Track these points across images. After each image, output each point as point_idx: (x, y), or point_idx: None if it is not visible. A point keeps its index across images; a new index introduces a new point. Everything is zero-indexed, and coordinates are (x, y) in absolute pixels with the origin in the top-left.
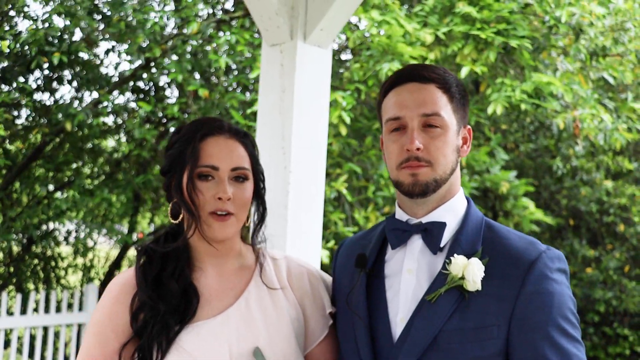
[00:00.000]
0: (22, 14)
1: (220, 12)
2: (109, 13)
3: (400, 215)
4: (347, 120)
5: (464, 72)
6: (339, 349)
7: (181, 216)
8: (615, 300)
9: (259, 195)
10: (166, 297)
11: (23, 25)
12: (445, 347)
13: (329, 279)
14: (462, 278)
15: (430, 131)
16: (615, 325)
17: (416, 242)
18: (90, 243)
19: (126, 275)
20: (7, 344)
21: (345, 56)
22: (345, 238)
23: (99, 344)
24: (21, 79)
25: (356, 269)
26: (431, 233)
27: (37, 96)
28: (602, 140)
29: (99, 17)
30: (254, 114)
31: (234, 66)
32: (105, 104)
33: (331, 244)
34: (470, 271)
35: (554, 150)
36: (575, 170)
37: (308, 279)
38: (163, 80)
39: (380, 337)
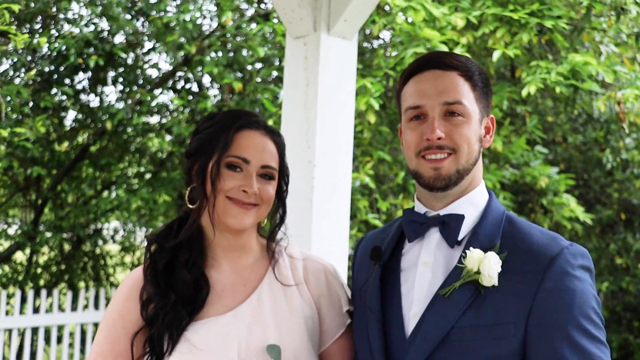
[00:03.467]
0: (65, 18)
1: (256, 4)
2: (150, 12)
3: (419, 207)
4: (376, 106)
5: (495, 56)
6: None
7: (198, 202)
8: None
9: (280, 197)
10: (177, 286)
11: (68, 28)
12: (458, 344)
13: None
14: (478, 272)
15: (452, 119)
16: None
17: (433, 235)
18: (137, 241)
19: (138, 271)
20: (59, 339)
21: (378, 42)
22: (368, 228)
23: (109, 341)
24: (67, 81)
25: (371, 262)
26: (449, 226)
27: (83, 98)
28: None
29: (140, 18)
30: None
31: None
32: (149, 102)
33: (354, 231)
34: (486, 265)
35: (603, 143)
36: (627, 163)
37: (325, 277)
38: (206, 77)
39: (393, 331)
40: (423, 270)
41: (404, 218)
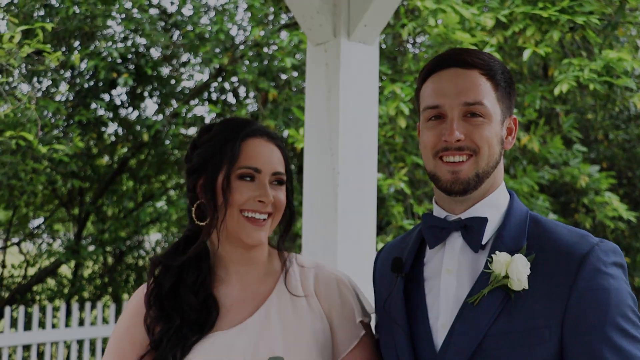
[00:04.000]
0: (102, 35)
1: (290, 14)
2: (184, 26)
3: (438, 212)
4: (406, 111)
5: (526, 55)
6: (375, 358)
7: (207, 220)
8: None
9: (288, 201)
10: (183, 309)
11: (104, 45)
12: (492, 353)
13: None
14: (506, 277)
15: (472, 120)
16: None
17: (456, 240)
18: None
19: (143, 289)
20: (104, 351)
21: (407, 46)
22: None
23: (116, 357)
24: (105, 97)
25: (393, 274)
26: (471, 230)
27: (122, 112)
28: None
29: (174, 30)
30: None
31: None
32: (184, 114)
33: (390, 237)
34: (514, 269)
35: None
36: None
37: (337, 287)
38: (241, 88)
39: (422, 344)
40: (447, 278)
41: (424, 223)
